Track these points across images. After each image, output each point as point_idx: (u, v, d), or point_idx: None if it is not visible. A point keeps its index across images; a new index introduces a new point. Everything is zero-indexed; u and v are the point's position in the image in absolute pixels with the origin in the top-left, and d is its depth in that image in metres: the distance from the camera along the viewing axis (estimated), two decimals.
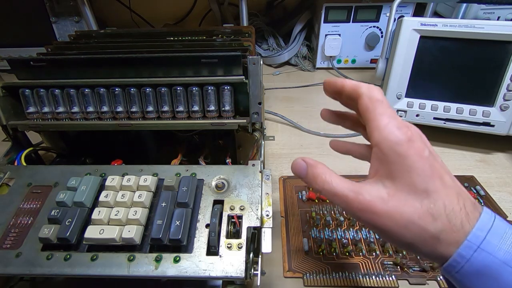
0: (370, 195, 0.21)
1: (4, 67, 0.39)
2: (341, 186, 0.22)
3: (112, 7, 0.86)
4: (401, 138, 0.21)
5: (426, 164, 0.21)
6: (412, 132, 0.22)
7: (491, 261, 0.18)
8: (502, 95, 0.48)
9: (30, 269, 0.28)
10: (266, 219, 0.31)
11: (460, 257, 0.19)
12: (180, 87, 0.36)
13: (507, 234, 0.19)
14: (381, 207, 0.21)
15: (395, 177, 0.21)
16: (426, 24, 0.48)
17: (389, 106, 0.23)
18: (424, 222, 0.20)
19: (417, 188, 0.20)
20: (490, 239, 0.19)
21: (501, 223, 0.19)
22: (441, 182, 0.21)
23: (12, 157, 0.40)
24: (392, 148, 0.21)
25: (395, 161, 0.21)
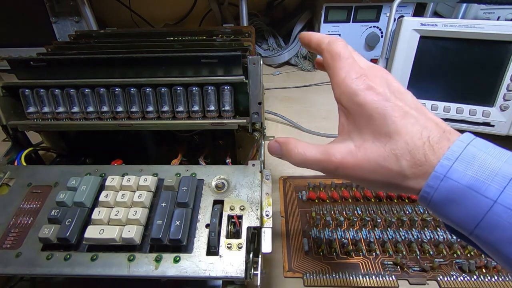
0: (341, 152, 0.23)
1: (4, 67, 0.39)
2: (314, 153, 0.24)
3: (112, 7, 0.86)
4: (357, 88, 0.22)
5: (385, 107, 0.21)
6: (371, 78, 0.22)
7: (456, 187, 0.18)
8: (502, 95, 0.48)
9: (30, 269, 0.28)
10: (266, 219, 0.31)
11: (429, 188, 0.19)
12: (180, 87, 0.36)
13: (476, 159, 0.19)
14: (351, 161, 0.22)
15: (360, 127, 0.22)
16: (426, 24, 0.48)
17: (350, 56, 0.24)
18: (389, 163, 0.21)
19: (380, 133, 0.21)
20: (456, 166, 0.19)
21: (473, 148, 0.19)
22: (403, 121, 0.21)
23: (12, 157, 0.40)
24: (350, 100, 0.22)
25: (356, 113, 0.22)
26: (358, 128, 0.22)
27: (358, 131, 0.22)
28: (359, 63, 0.24)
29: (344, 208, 0.43)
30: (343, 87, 0.23)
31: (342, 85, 0.23)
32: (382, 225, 0.41)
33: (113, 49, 0.41)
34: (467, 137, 0.20)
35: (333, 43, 0.25)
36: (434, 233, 0.40)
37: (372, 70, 0.24)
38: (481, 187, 0.18)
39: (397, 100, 0.22)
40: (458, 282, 0.35)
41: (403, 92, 0.23)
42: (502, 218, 0.17)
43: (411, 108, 0.22)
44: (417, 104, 0.23)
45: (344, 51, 0.24)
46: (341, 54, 0.24)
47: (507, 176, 0.17)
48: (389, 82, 0.23)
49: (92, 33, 0.52)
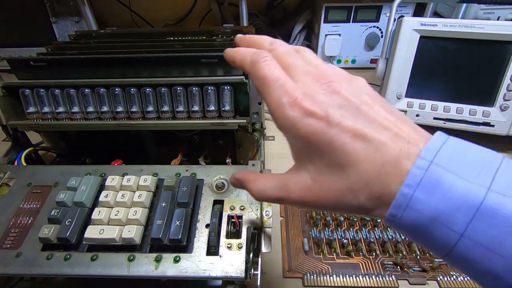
0: (299, 189, 0.20)
1: (4, 67, 0.39)
2: (273, 191, 0.22)
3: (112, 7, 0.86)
4: (293, 119, 0.19)
5: (330, 137, 0.18)
6: (308, 97, 0.19)
7: (420, 219, 0.16)
8: (502, 95, 0.48)
9: (30, 269, 0.28)
10: (266, 219, 0.31)
11: (392, 217, 0.17)
12: (180, 87, 0.36)
13: (440, 183, 0.16)
14: (310, 197, 0.20)
15: (312, 159, 0.20)
16: (426, 24, 0.48)
17: (279, 76, 0.20)
18: (348, 199, 0.19)
19: (332, 165, 0.19)
20: (418, 195, 0.16)
21: (437, 168, 0.16)
22: (353, 147, 0.18)
23: (12, 157, 0.40)
24: (291, 133, 0.20)
25: (302, 145, 0.20)
26: (310, 159, 0.20)
27: (311, 162, 0.20)
28: (296, 76, 0.20)
29: None
30: (278, 119, 0.20)
31: (277, 117, 0.20)
32: (382, 225, 0.41)
33: (113, 49, 0.41)
34: (431, 151, 0.17)
35: (256, 64, 0.21)
36: None
37: (314, 84, 0.19)
38: (446, 219, 0.16)
39: (344, 120, 0.18)
40: (458, 282, 0.35)
41: (358, 101, 0.19)
42: (472, 252, 0.16)
43: (364, 126, 0.18)
44: (375, 111, 0.19)
45: (271, 72, 0.20)
46: (267, 77, 0.20)
47: (473, 204, 0.15)
48: (338, 90, 0.19)
49: (92, 33, 0.52)
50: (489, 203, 0.15)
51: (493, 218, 0.15)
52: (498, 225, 0.15)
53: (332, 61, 0.79)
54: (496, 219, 0.15)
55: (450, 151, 0.17)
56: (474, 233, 0.15)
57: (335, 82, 0.19)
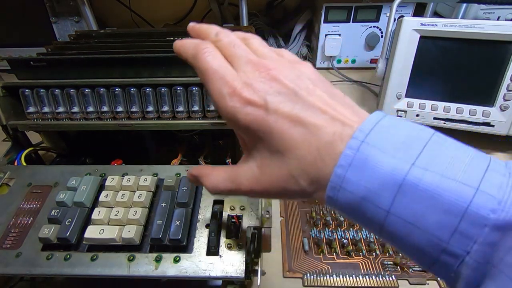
0: (247, 180, 0.21)
1: (4, 67, 0.39)
2: (224, 184, 0.22)
3: (112, 7, 0.86)
4: (234, 109, 0.19)
5: (269, 123, 0.18)
6: (247, 86, 0.19)
7: (353, 199, 0.17)
8: (502, 95, 0.47)
9: (30, 269, 0.28)
10: (266, 219, 0.31)
11: (329, 199, 0.18)
12: (180, 87, 0.36)
13: (368, 163, 0.16)
14: (258, 187, 0.21)
15: (256, 146, 0.20)
16: (426, 24, 0.48)
17: (219, 66, 0.20)
18: (290, 185, 0.19)
19: (273, 152, 0.19)
20: (349, 176, 0.17)
21: (367, 147, 0.16)
22: (291, 133, 0.18)
23: (12, 157, 0.40)
24: (233, 124, 0.20)
25: (245, 134, 0.20)
26: (256, 148, 0.20)
27: (256, 150, 0.20)
28: (237, 65, 0.20)
29: None
30: (220, 110, 0.20)
31: (219, 108, 0.20)
32: None
33: (113, 49, 0.41)
34: (363, 131, 0.17)
35: (197, 56, 0.21)
36: None
37: (253, 72, 0.19)
38: (374, 197, 0.16)
39: (281, 106, 0.18)
40: None
41: (296, 85, 0.19)
42: (398, 228, 0.16)
43: (301, 110, 0.18)
44: (313, 96, 0.19)
45: (211, 64, 0.20)
46: (208, 68, 0.20)
47: (397, 181, 0.16)
48: (276, 76, 0.19)
49: (92, 33, 0.52)
50: (411, 178, 0.15)
51: (414, 193, 0.15)
52: (419, 200, 0.15)
53: (332, 61, 0.78)
54: (417, 193, 0.15)
55: (382, 129, 0.17)
56: (398, 209, 0.16)
57: (275, 70, 0.19)
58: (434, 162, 0.16)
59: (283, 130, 0.18)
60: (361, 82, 0.74)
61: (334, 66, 0.79)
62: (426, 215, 0.15)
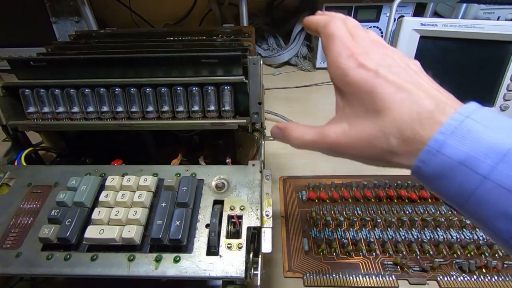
0: (335, 132, 0.23)
1: (4, 67, 0.39)
2: (310, 135, 0.24)
3: (112, 7, 0.86)
4: (347, 67, 0.22)
5: (374, 84, 0.21)
6: (364, 55, 0.22)
7: (448, 163, 0.18)
8: (502, 95, 0.48)
9: (30, 269, 0.28)
10: (266, 219, 0.31)
11: (420, 163, 0.19)
12: (180, 87, 0.36)
13: (472, 133, 0.18)
14: (344, 140, 0.22)
15: (353, 106, 0.22)
16: (426, 24, 0.48)
17: (343, 35, 0.23)
18: (379, 141, 0.21)
19: (370, 111, 0.21)
20: (450, 141, 0.18)
21: (471, 122, 0.18)
22: (393, 97, 0.20)
23: (12, 157, 0.40)
24: (341, 80, 0.23)
25: (348, 92, 0.23)
26: (352, 106, 0.23)
27: (351, 110, 0.23)
28: (358, 40, 0.23)
29: (344, 208, 0.43)
30: (334, 67, 0.23)
31: (333, 65, 0.23)
32: (382, 225, 0.41)
33: (113, 49, 0.41)
34: (467, 110, 0.19)
35: (328, 25, 0.24)
36: (434, 233, 0.40)
37: (372, 47, 0.23)
38: (474, 163, 0.17)
39: (390, 75, 0.21)
40: (458, 282, 0.35)
41: (406, 67, 0.22)
42: (492, 194, 0.17)
43: (407, 82, 0.20)
44: (419, 78, 0.21)
45: (338, 32, 0.24)
46: (335, 34, 0.24)
47: (501, 151, 0.17)
48: (391, 56, 0.22)
49: (92, 33, 0.53)
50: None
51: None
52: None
53: None
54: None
55: (485, 112, 0.19)
56: (498, 176, 0.17)
57: (392, 51, 0.23)
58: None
59: (386, 93, 0.20)
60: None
61: None
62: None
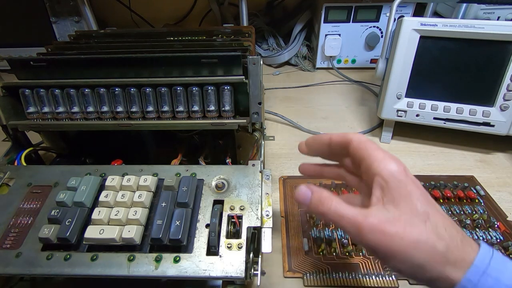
0: (378, 218, 0.22)
1: (4, 67, 0.39)
2: (349, 209, 0.23)
3: (112, 7, 0.86)
4: (398, 168, 0.23)
5: (421, 190, 0.23)
6: (404, 165, 0.24)
7: (497, 286, 0.19)
8: (502, 95, 0.47)
9: (30, 269, 0.28)
10: (266, 219, 0.31)
11: (467, 282, 0.19)
12: (180, 87, 0.36)
13: (507, 261, 0.20)
14: (390, 228, 0.21)
15: (398, 202, 0.22)
16: (426, 24, 0.48)
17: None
18: (432, 240, 0.20)
19: (418, 211, 0.22)
20: (493, 264, 0.19)
21: (499, 252, 0.20)
22: (434, 206, 0.22)
23: (12, 157, 0.40)
24: (392, 176, 0.23)
25: (396, 187, 0.23)
26: (395, 201, 0.22)
27: (394, 204, 0.22)
28: None
29: None
30: (383, 164, 0.24)
31: (383, 162, 0.24)
32: None
33: (113, 49, 0.41)
34: (486, 249, 0.21)
35: (360, 135, 0.27)
36: None
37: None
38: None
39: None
40: None
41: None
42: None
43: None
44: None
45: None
46: (372, 142, 0.26)
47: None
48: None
49: (92, 33, 0.52)
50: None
51: None
52: None
53: (332, 61, 0.79)
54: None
55: (500, 255, 0.21)
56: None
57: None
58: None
59: (432, 201, 0.23)
60: (361, 82, 0.74)
61: (334, 66, 0.79)
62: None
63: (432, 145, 0.55)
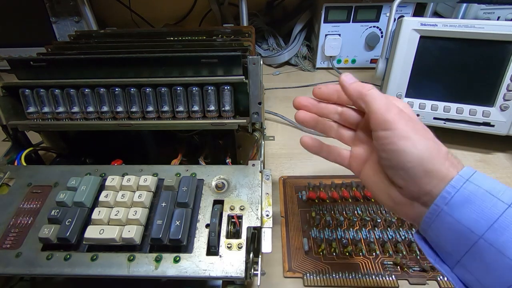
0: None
1: (4, 67, 0.39)
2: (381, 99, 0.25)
3: (112, 7, 0.86)
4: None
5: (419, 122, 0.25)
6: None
7: (477, 190, 0.21)
8: (502, 95, 0.47)
9: (30, 269, 0.28)
10: (266, 219, 0.31)
11: (451, 188, 0.22)
12: (180, 87, 0.36)
13: (487, 177, 0.22)
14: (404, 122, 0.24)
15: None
16: (426, 24, 0.48)
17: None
18: (438, 144, 0.24)
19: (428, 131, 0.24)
20: (476, 176, 0.22)
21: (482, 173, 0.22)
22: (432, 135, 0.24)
23: (12, 157, 0.40)
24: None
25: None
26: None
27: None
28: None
29: (344, 208, 0.43)
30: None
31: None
32: (382, 225, 0.41)
33: (113, 49, 0.41)
34: (467, 174, 0.22)
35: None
36: None
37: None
38: (498, 192, 0.21)
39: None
40: None
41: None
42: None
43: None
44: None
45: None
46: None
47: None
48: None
49: (92, 33, 0.52)
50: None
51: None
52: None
53: (332, 61, 0.79)
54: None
55: (480, 176, 0.22)
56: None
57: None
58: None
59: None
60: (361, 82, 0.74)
61: (334, 66, 0.79)
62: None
63: None
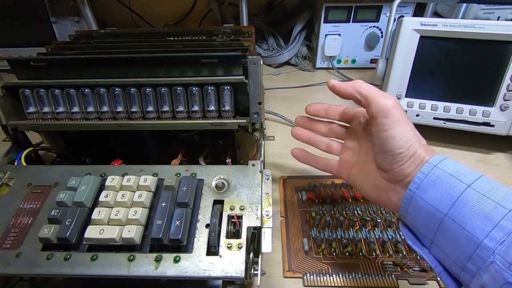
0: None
1: (4, 67, 0.39)
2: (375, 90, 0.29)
3: (112, 7, 0.86)
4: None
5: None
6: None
7: (442, 174, 0.25)
8: (502, 95, 0.47)
9: (30, 269, 0.28)
10: (266, 219, 0.31)
11: (421, 174, 0.26)
12: (180, 87, 0.36)
13: (456, 162, 0.26)
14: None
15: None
16: (426, 24, 0.48)
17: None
18: (418, 133, 0.28)
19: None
20: (444, 162, 0.26)
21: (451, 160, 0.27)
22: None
23: (12, 157, 0.40)
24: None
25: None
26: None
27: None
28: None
29: (344, 208, 0.43)
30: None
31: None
32: (382, 225, 0.41)
33: (113, 49, 0.41)
34: (433, 162, 0.26)
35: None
36: None
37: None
38: (461, 175, 0.25)
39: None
40: None
41: None
42: (472, 198, 0.23)
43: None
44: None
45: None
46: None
47: (479, 175, 0.25)
48: None
49: (92, 33, 0.52)
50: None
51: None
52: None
53: (332, 61, 0.79)
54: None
55: (448, 162, 0.27)
56: (477, 186, 0.24)
57: None
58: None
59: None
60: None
61: (334, 66, 0.79)
62: (498, 190, 0.24)
63: (432, 145, 0.55)
